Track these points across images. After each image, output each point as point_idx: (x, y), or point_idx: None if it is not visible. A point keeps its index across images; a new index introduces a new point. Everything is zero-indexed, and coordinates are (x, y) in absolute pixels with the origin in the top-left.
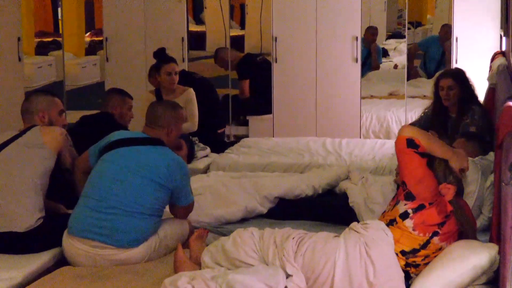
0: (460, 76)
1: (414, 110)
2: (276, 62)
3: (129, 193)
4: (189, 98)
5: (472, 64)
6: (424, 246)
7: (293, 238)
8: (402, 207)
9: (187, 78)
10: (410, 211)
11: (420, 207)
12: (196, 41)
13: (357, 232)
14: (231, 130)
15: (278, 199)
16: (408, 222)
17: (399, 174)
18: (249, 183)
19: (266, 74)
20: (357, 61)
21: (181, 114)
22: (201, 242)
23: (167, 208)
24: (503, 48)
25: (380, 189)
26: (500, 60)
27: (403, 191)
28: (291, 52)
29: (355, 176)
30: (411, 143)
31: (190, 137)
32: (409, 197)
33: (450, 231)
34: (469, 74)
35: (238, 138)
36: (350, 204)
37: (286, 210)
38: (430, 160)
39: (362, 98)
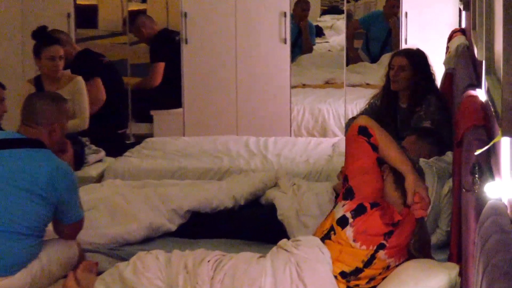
0: (416, 57)
1: (355, 101)
2: (186, 43)
3: (1, 208)
4: (77, 89)
5: (425, 44)
6: (369, 263)
7: (209, 261)
8: (340, 209)
9: (92, 61)
10: (349, 215)
11: (360, 209)
12: (86, 17)
13: (287, 251)
14: (131, 128)
15: (190, 213)
16: (348, 231)
17: (341, 174)
18: (153, 194)
19: (178, 58)
20: (285, 42)
21: (66, 109)
22: (90, 274)
23: (50, 227)
24: (463, 25)
25: (315, 198)
26: (459, 40)
27: (343, 188)
28: (205, 31)
29: (285, 183)
30: (363, 131)
31: (79, 137)
32: (348, 194)
33: (399, 245)
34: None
35: (139, 138)
36: (279, 218)
37: (200, 227)
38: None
39: (293, 87)
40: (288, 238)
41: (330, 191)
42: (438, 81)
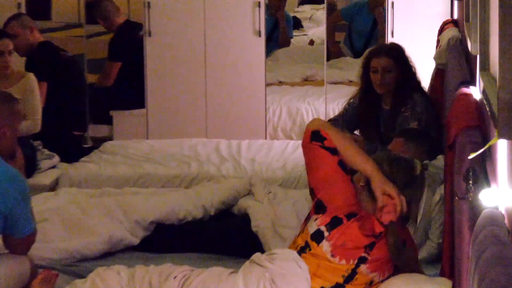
0: (399, 54)
1: (337, 100)
2: (149, 36)
3: None
4: (29, 87)
5: (413, 37)
6: (350, 278)
7: (175, 277)
8: (313, 224)
9: (51, 56)
10: (323, 228)
11: (336, 222)
12: (38, 7)
13: (261, 265)
14: (88, 130)
15: (155, 225)
16: (325, 246)
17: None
18: (114, 204)
19: (141, 53)
20: (260, 34)
21: (18, 109)
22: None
23: None
24: (455, 16)
25: (293, 208)
26: (451, 32)
27: (313, 201)
28: (171, 23)
29: (260, 190)
30: (315, 136)
31: (31, 140)
32: (319, 207)
33: (383, 258)
34: (409, 51)
35: (98, 142)
36: (253, 229)
37: (165, 240)
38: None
39: (268, 85)
40: (263, 252)
41: (309, 200)
42: (423, 75)
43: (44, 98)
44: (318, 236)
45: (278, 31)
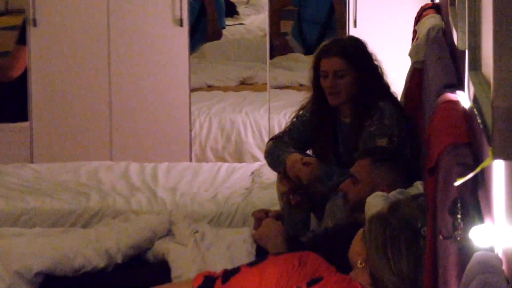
0: (356, 52)
1: (284, 110)
2: (35, 25)
3: None
4: None
5: (381, 28)
6: None
7: None
8: None
9: None
10: None
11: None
12: None
13: None
14: None
15: (43, 277)
16: None
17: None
18: None
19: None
20: (182, 24)
21: None
22: None
23: None
24: None
25: (226, 251)
26: (432, 20)
27: None
28: (64, 9)
29: (183, 230)
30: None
31: None
32: None
33: None
34: (376, 46)
35: None
36: (174, 281)
37: None
38: None
39: (193, 90)
40: None
41: (249, 242)
42: (393, 76)
43: None
44: None
45: (206, 20)
